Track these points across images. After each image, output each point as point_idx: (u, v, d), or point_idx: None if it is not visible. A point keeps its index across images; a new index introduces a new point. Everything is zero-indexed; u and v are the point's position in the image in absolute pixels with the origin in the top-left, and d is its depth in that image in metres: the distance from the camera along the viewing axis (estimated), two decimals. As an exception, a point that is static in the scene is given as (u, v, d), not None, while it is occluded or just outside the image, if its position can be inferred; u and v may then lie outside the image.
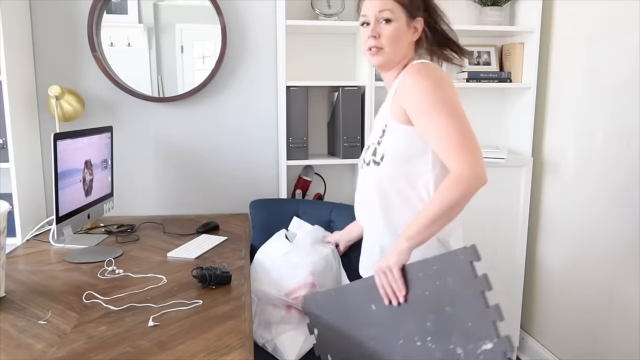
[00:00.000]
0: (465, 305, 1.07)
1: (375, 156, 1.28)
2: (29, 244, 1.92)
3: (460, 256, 1.07)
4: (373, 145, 1.31)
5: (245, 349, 1.12)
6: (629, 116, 1.90)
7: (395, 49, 1.27)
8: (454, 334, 1.08)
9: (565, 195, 2.27)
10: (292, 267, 1.67)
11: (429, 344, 1.12)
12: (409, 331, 1.15)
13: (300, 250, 1.73)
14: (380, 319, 1.20)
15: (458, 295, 1.07)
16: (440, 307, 1.10)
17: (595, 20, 2.06)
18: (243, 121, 2.41)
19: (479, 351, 1.04)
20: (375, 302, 1.22)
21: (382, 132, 1.28)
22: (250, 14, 2.33)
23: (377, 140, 1.29)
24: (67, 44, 2.23)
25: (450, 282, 1.09)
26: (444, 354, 1.09)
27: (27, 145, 2.13)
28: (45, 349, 1.11)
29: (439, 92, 1.17)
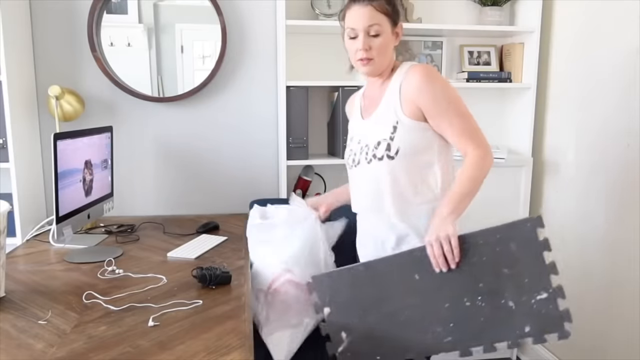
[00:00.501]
0: (524, 265, 1.22)
1: (389, 151, 1.36)
2: (29, 244, 1.92)
3: (527, 224, 1.23)
4: (385, 141, 1.37)
5: (245, 349, 1.12)
6: (629, 116, 1.90)
7: (384, 59, 1.39)
8: (508, 290, 1.23)
9: (565, 195, 2.27)
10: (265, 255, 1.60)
11: (479, 302, 1.25)
12: (457, 294, 1.27)
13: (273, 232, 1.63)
14: (424, 287, 1.29)
15: (518, 258, 1.22)
16: (498, 269, 1.23)
17: (595, 20, 2.06)
18: (243, 121, 2.41)
19: (533, 301, 1.22)
20: (420, 272, 1.29)
21: (394, 128, 1.36)
22: (250, 14, 2.33)
23: (389, 136, 1.37)
24: (67, 44, 2.23)
25: (513, 246, 1.23)
26: (494, 309, 1.24)
27: (27, 145, 2.13)
28: (45, 349, 1.10)
29: (450, 92, 1.35)
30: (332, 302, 1.34)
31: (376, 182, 1.41)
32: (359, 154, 1.45)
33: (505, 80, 2.43)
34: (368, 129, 1.45)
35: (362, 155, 1.44)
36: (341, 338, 1.35)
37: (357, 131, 1.50)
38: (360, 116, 1.51)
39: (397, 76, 1.41)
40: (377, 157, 1.39)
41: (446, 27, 2.32)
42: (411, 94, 1.35)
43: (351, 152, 1.50)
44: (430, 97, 1.33)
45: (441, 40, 2.50)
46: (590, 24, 2.10)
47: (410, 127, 1.36)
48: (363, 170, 1.45)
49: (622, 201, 1.94)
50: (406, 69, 1.40)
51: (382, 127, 1.40)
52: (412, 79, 1.35)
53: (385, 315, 1.32)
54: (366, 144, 1.43)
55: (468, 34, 2.49)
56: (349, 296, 1.34)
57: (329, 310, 1.35)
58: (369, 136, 1.43)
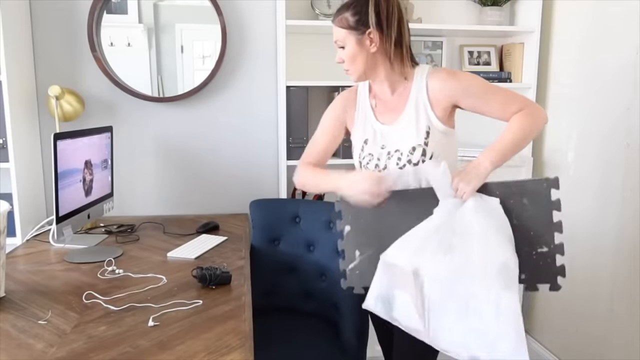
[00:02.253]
0: (532, 220, 1.32)
1: (425, 156, 1.38)
2: (29, 244, 1.92)
3: (543, 184, 1.34)
4: (420, 147, 1.38)
5: (245, 349, 1.12)
6: (629, 116, 1.90)
7: (357, 66, 1.41)
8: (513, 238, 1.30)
9: (565, 195, 2.26)
10: None
11: None
12: None
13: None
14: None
15: (529, 212, 1.32)
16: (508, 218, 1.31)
17: (595, 20, 2.06)
18: (243, 121, 2.41)
19: (534, 253, 1.33)
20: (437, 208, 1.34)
21: (427, 133, 1.39)
22: (250, 14, 2.33)
23: (424, 142, 1.38)
24: (67, 44, 2.23)
25: (525, 201, 1.32)
26: None
27: (27, 145, 2.13)
28: (45, 349, 1.11)
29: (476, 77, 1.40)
30: (353, 223, 1.41)
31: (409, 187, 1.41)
32: (385, 159, 1.43)
33: (505, 80, 2.42)
34: (395, 134, 1.43)
35: (390, 161, 1.42)
36: (354, 256, 1.42)
37: (378, 136, 1.46)
38: (375, 119, 1.47)
39: (418, 80, 1.42)
40: (413, 162, 1.39)
41: (446, 27, 2.32)
42: (443, 92, 1.38)
43: (370, 156, 1.46)
44: (466, 87, 1.37)
45: (441, 40, 2.50)
46: (590, 23, 2.10)
47: (441, 132, 1.40)
48: None
49: (622, 201, 1.94)
50: (426, 72, 1.42)
51: (414, 132, 1.40)
52: (439, 77, 1.39)
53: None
54: (396, 149, 1.41)
55: (468, 34, 2.48)
56: (369, 220, 1.40)
57: (349, 229, 1.42)
58: (399, 142, 1.41)
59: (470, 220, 1.28)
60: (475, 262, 1.23)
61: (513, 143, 1.34)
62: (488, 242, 1.25)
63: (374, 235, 1.40)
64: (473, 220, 1.28)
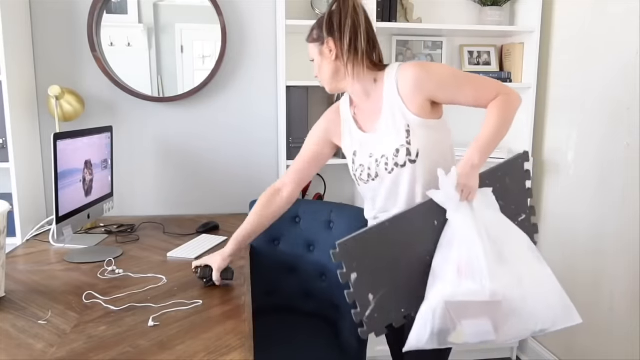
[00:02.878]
0: (512, 194, 1.40)
1: (410, 155, 1.37)
2: (29, 244, 1.92)
3: (519, 160, 1.42)
4: (403, 147, 1.37)
5: (245, 349, 1.12)
6: (629, 116, 1.90)
7: (324, 76, 1.46)
8: None
9: (565, 195, 2.27)
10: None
11: None
12: None
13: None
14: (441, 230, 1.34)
15: (510, 189, 1.40)
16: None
17: (595, 20, 2.06)
18: (243, 121, 2.41)
19: (516, 223, 1.38)
20: (438, 218, 1.33)
21: (407, 132, 1.37)
22: (250, 14, 2.33)
23: (406, 141, 1.37)
24: (67, 44, 2.23)
25: (507, 180, 1.40)
26: None
27: (27, 145, 2.13)
28: (45, 349, 1.11)
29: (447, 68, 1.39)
30: (359, 266, 1.32)
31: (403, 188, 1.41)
32: (375, 167, 1.43)
33: (505, 80, 2.43)
34: (377, 140, 1.42)
35: (379, 168, 1.42)
36: (368, 301, 1.33)
37: (363, 145, 1.46)
38: (359, 129, 1.47)
39: (389, 80, 1.39)
40: (400, 164, 1.38)
41: (446, 27, 2.32)
42: (414, 92, 1.35)
43: (362, 167, 1.46)
44: (436, 82, 1.35)
45: (441, 40, 2.50)
46: (590, 23, 2.10)
47: (421, 126, 1.37)
48: (384, 181, 1.43)
49: (622, 201, 1.94)
50: (395, 70, 1.39)
51: (394, 134, 1.38)
52: (408, 75, 1.36)
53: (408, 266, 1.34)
54: (382, 155, 1.41)
55: (468, 34, 2.49)
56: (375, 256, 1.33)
57: (356, 276, 1.32)
58: (383, 147, 1.41)
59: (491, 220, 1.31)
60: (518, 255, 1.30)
61: (495, 133, 1.33)
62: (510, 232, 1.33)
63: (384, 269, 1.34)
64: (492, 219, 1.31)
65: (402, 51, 2.48)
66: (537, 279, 1.31)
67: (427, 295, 1.29)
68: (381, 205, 1.47)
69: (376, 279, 1.33)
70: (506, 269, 1.26)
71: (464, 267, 1.25)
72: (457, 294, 1.24)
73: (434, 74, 1.35)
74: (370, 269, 1.33)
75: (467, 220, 1.29)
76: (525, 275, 1.28)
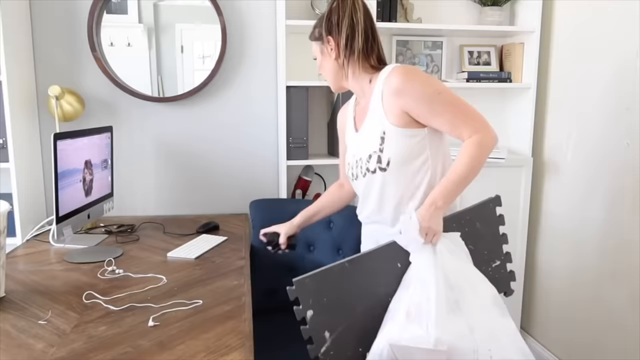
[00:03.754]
0: (485, 240, 1.38)
1: (380, 163, 1.35)
2: (29, 244, 1.92)
3: (489, 204, 1.40)
4: (375, 154, 1.35)
5: (245, 349, 1.12)
6: (629, 116, 1.90)
7: (327, 75, 1.45)
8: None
9: (565, 195, 2.27)
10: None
11: None
12: None
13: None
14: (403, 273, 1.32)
15: (482, 234, 1.37)
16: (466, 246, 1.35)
17: (595, 20, 2.06)
18: (243, 121, 2.41)
19: (490, 269, 1.39)
20: (401, 260, 1.31)
21: (381, 139, 1.34)
22: (250, 14, 2.33)
23: (379, 148, 1.35)
24: (67, 44, 2.23)
25: (478, 225, 1.37)
26: None
27: (27, 145, 2.13)
28: (45, 349, 1.11)
29: (432, 86, 1.29)
30: (316, 304, 1.31)
31: (376, 194, 1.40)
32: (355, 167, 1.44)
33: (505, 80, 2.43)
34: (360, 141, 1.42)
35: (358, 169, 1.43)
36: (324, 338, 1.31)
37: (352, 144, 1.47)
38: (354, 128, 1.48)
39: (378, 84, 1.36)
40: (370, 170, 1.37)
41: (446, 27, 2.32)
42: (393, 100, 1.31)
43: (349, 166, 1.48)
44: (412, 97, 1.28)
45: (441, 40, 2.50)
46: (590, 23, 2.10)
47: (397, 136, 1.32)
48: (361, 182, 1.44)
49: (622, 201, 1.94)
50: (386, 74, 1.34)
51: (370, 139, 1.37)
52: (391, 84, 1.31)
53: (367, 307, 1.32)
54: (360, 158, 1.41)
55: (468, 34, 2.49)
56: (333, 295, 1.31)
57: (312, 313, 1.30)
58: (361, 149, 1.41)
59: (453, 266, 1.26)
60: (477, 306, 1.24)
61: (463, 177, 1.27)
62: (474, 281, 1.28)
63: (342, 309, 1.31)
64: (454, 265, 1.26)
65: (402, 51, 2.49)
66: (495, 333, 1.23)
67: (378, 335, 1.27)
68: (360, 203, 1.50)
69: (334, 318, 1.31)
70: (458, 318, 1.21)
71: (413, 310, 1.22)
72: (402, 338, 1.20)
73: (413, 89, 1.28)
74: (327, 307, 1.31)
75: (426, 263, 1.25)
76: (480, 328, 1.22)
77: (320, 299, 1.31)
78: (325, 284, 1.31)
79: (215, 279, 1.54)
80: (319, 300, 1.31)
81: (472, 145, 1.28)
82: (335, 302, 1.31)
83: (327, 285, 1.31)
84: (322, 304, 1.31)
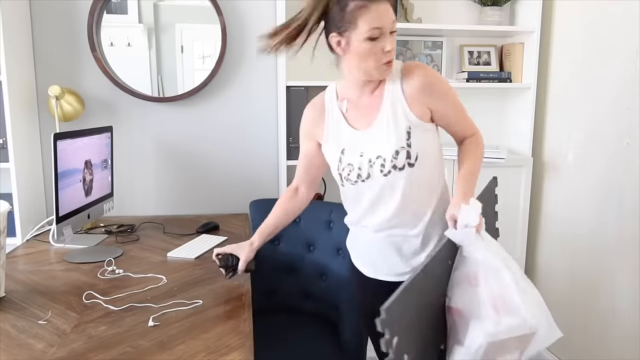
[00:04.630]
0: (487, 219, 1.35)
1: (409, 158, 1.31)
2: (29, 244, 1.92)
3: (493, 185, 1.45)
4: (403, 149, 1.30)
5: (245, 349, 1.12)
6: (629, 116, 1.90)
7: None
8: None
9: (565, 195, 2.27)
10: None
11: None
12: None
13: None
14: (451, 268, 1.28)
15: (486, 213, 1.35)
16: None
17: (595, 20, 2.06)
18: (243, 121, 2.41)
19: None
20: (451, 257, 1.28)
21: (407, 133, 1.30)
22: (250, 14, 2.33)
23: (406, 143, 1.30)
24: (67, 44, 2.23)
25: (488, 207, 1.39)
26: None
27: (27, 145, 2.13)
28: (45, 349, 1.11)
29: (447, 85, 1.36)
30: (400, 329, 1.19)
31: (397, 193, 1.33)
32: (367, 167, 1.33)
33: (505, 80, 2.43)
34: (373, 139, 1.34)
35: (372, 169, 1.33)
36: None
37: (353, 143, 1.36)
38: (348, 125, 1.38)
39: (392, 77, 1.33)
40: (398, 167, 1.30)
41: (446, 27, 2.32)
42: (419, 95, 1.31)
43: (350, 166, 1.36)
44: (439, 95, 1.32)
45: (441, 40, 2.50)
46: (590, 23, 2.10)
47: (422, 130, 1.31)
48: (376, 183, 1.34)
49: (622, 201, 1.94)
50: (399, 68, 1.33)
51: (393, 134, 1.30)
52: (416, 79, 1.30)
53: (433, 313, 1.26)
54: (377, 155, 1.32)
55: (468, 34, 2.49)
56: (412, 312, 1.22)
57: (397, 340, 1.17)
58: (379, 147, 1.32)
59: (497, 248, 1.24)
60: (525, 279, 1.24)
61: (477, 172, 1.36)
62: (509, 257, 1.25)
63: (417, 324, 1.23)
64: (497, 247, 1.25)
65: (402, 51, 2.48)
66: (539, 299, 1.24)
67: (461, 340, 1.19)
68: (366, 208, 1.38)
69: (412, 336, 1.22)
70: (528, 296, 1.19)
71: (499, 302, 1.17)
72: (499, 332, 1.14)
73: (440, 85, 1.32)
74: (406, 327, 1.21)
75: (486, 253, 1.21)
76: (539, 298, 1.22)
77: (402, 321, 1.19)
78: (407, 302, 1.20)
79: (215, 279, 1.54)
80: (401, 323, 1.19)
81: (478, 142, 1.38)
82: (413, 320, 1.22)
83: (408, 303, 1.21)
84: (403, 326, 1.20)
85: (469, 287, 1.23)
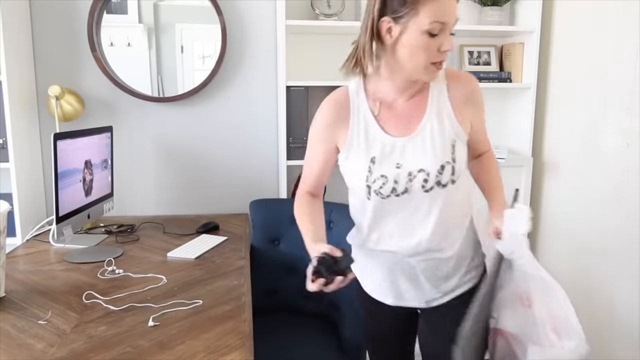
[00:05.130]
0: None
1: (454, 175, 1.17)
2: (29, 244, 1.92)
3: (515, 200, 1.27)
4: (449, 165, 1.16)
5: (245, 349, 1.12)
6: (629, 116, 1.90)
7: None
8: None
9: (565, 195, 2.27)
10: None
11: None
12: None
13: None
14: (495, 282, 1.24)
15: None
16: None
17: (595, 20, 2.06)
18: (243, 121, 2.41)
19: None
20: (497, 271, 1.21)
21: (452, 147, 1.17)
22: (250, 14, 2.33)
23: (451, 157, 1.17)
24: (67, 44, 2.23)
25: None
26: None
27: (27, 145, 2.13)
28: (45, 349, 1.11)
29: None
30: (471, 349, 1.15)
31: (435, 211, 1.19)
32: (405, 181, 1.17)
33: (505, 80, 2.43)
34: (415, 149, 1.17)
35: (412, 183, 1.16)
36: None
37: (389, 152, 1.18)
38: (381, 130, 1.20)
39: (437, 82, 1.19)
40: (442, 183, 1.16)
41: (446, 27, 2.32)
42: (465, 104, 1.19)
43: (384, 178, 1.17)
44: (480, 107, 1.25)
45: (441, 40, 2.50)
46: (590, 23, 2.10)
47: (462, 144, 1.20)
48: (411, 199, 1.19)
49: (622, 201, 1.94)
50: (442, 73, 1.20)
51: (439, 146, 1.16)
52: (465, 87, 1.20)
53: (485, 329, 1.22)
54: (420, 169, 1.16)
55: (468, 34, 2.48)
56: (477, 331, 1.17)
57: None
58: (422, 159, 1.17)
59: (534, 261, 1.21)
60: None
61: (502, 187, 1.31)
62: None
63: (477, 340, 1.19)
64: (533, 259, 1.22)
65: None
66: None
67: None
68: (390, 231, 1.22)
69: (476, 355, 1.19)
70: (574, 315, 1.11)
71: (559, 325, 1.10)
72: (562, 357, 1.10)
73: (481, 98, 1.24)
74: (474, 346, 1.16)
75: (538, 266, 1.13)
76: None
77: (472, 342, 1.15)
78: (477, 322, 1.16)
79: (215, 279, 1.55)
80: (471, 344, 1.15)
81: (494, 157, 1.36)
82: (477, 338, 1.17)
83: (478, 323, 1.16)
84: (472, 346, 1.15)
85: (521, 307, 1.13)
